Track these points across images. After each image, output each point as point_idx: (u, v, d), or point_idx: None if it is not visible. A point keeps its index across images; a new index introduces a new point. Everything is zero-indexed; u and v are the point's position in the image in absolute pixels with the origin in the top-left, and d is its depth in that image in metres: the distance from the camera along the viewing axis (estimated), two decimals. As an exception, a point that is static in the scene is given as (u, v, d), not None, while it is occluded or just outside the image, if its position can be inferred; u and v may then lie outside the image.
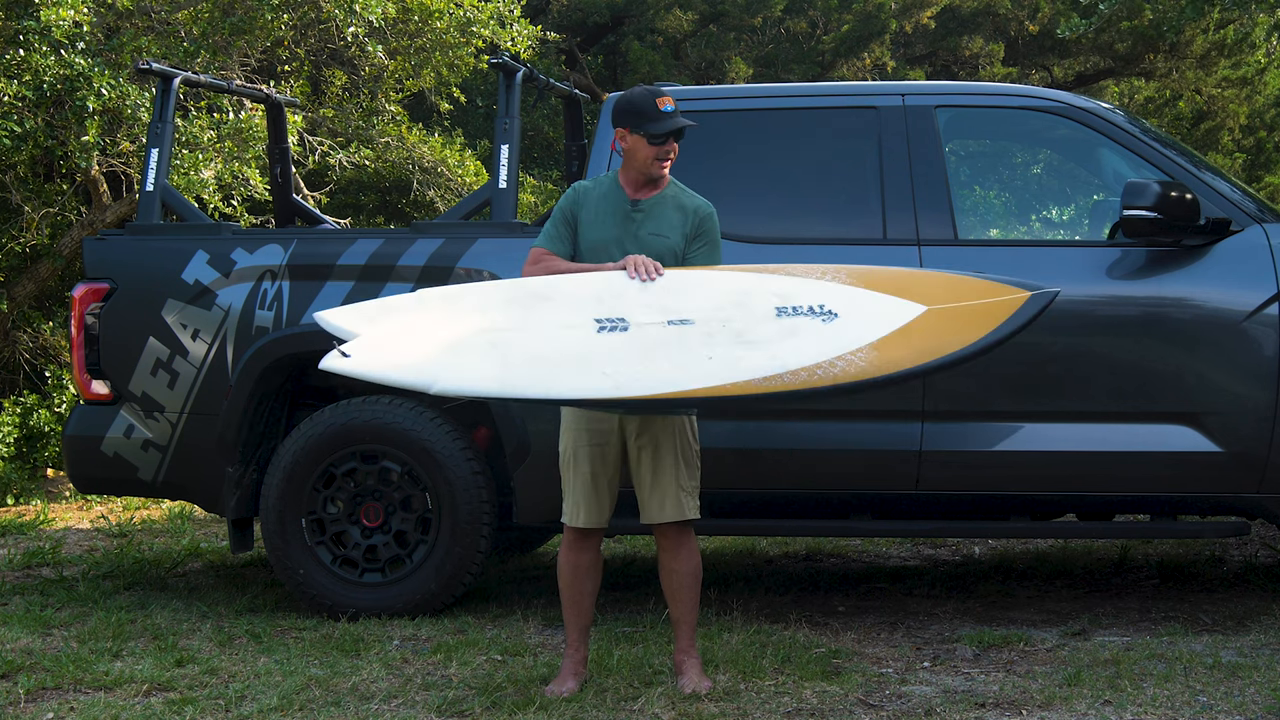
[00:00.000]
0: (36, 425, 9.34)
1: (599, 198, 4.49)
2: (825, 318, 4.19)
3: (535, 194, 13.04)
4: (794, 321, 4.19)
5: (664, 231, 4.43)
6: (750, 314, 4.21)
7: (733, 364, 4.13)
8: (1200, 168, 5.39)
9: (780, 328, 4.18)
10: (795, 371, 4.13)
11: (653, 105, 4.39)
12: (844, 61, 14.24)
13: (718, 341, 4.16)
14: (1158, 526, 5.45)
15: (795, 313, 4.20)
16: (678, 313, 4.20)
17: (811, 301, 4.22)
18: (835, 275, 4.28)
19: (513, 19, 10.51)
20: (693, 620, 4.52)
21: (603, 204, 4.47)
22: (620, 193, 4.48)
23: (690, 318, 4.20)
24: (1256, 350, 5.03)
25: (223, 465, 5.63)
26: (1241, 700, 4.27)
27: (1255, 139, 16.21)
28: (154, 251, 5.82)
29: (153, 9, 9.16)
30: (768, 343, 4.16)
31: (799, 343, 4.15)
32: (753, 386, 4.13)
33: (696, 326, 4.19)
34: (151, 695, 4.56)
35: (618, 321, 4.19)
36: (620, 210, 4.45)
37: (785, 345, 4.15)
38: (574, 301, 4.22)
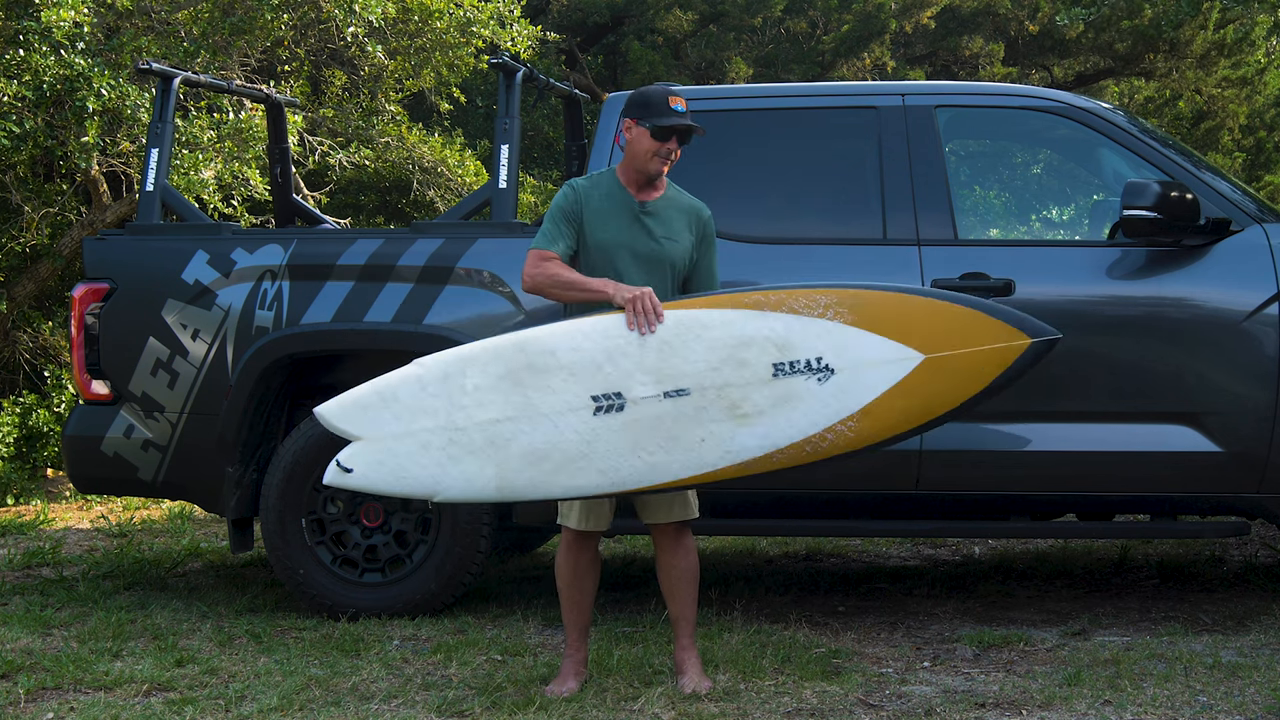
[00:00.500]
0: (35, 425, 9.34)
1: (602, 196, 4.46)
2: (821, 376, 4.21)
3: (535, 194, 13.04)
4: (789, 384, 4.21)
5: (675, 235, 4.43)
6: (747, 374, 4.21)
7: (724, 445, 4.21)
8: (1200, 168, 5.39)
9: (774, 393, 4.20)
10: (785, 449, 4.22)
11: (664, 101, 4.39)
12: (844, 61, 14.24)
13: (711, 416, 4.21)
14: (1158, 526, 5.45)
15: (792, 370, 4.21)
16: (674, 380, 4.21)
17: (810, 354, 4.22)
18: (838, 312, 4.24)
19: (513, 19, 10.52)
20: (692, 618, 4.53)
21: (608, 203, 4.44)
22: (624, 192, 4.46)
23: (686, 386, 4.21)
24: (1256, 350, 5.03)
25: (223, 465, 5.63)
26: (1241, 700, 4.27)
27: (1255, 139, 16.21)
28: (154, 251, 5.82)
29: (153, 9, 9.16)
30: (760, 416, 4.20)
31: (791, 413, 4.20)
32: (743, 469, 4.24)
33: (691, 398, 4.21)
34: (151, 695, 4.56)
35: (614, 399, 4.21)
36: (628, 211, 4.43)
37: (778, 418, 4.20)
38: (573, 375, 4.22)
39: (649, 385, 4.21)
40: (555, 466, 4.22)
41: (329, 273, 5.60)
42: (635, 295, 4.24)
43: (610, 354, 4.22)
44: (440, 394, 4.26)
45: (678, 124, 4.37)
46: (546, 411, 4.22)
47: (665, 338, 4.22)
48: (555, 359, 4.23)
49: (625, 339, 4.23)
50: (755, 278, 5.27)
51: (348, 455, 4.27)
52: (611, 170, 4.54)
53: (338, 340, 5.61)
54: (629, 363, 4.21)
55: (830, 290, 4.27)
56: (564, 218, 4.43)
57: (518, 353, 4.26)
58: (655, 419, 4.21)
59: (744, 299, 4.28)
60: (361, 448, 4.27)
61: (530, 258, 4.43)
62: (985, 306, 4.30)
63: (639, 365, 4.21)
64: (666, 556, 4.49)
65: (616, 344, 4.23)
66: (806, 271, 5.25)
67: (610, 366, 4.22)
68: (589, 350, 4.23)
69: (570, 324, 4.30)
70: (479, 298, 5.48)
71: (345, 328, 5.55)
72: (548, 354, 4.24)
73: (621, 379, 4.21)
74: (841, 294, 4.27)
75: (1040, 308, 5.15)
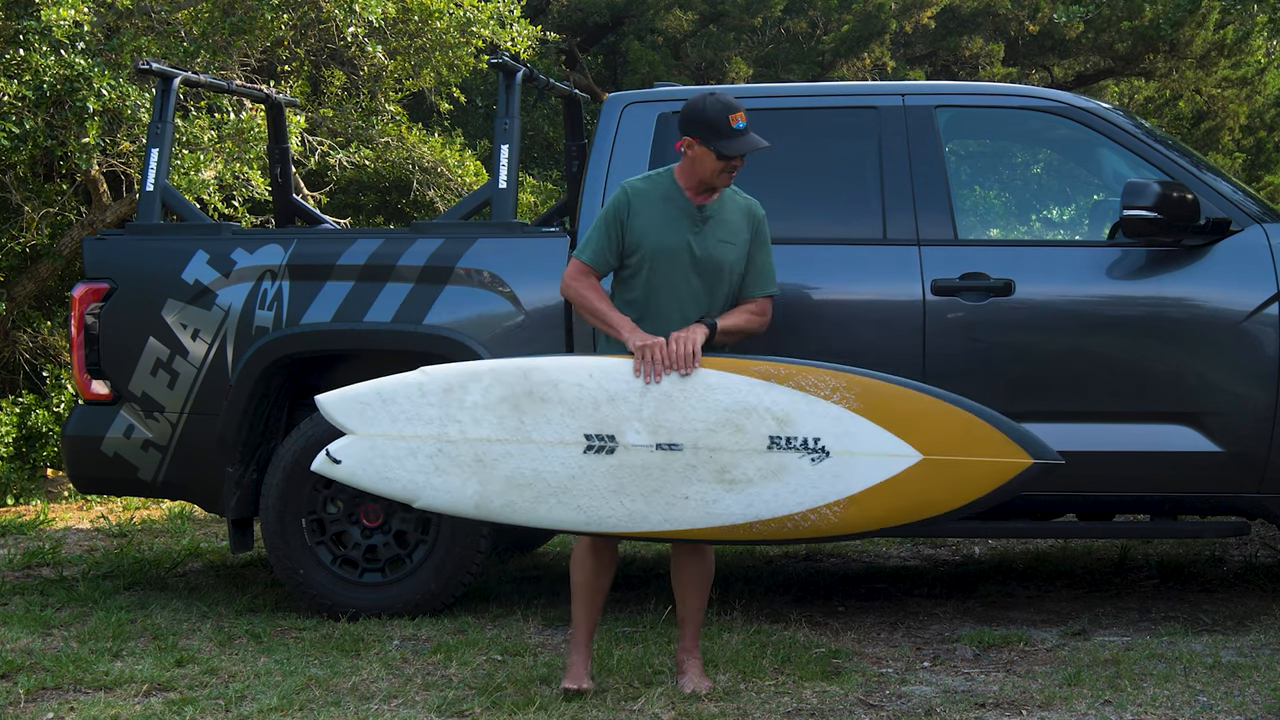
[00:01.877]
0: (35, 425, 9.34)
1: (660, 199, 4.42)
2: (816, 456, 4.20)
3: (535, 194, 13.03)
4: (782, 458, 4.20)
5: (731, 238, 4.42)
6: (742, 441, 4.20)
7: (707, 506, 4.21)
8: (1200, 168, 5.39)
9: (766, 464, 4.20)
10: (766, 522, 4.22)
11: (725, 122, 4.31)
12: (844, 61, 14.24)
13: (699, 476, 4.21)
14: (1158, 526, 5.45)
15: (788, 446, 4.20)
16: (669, 434, 4.21)
17: (808, 433, 4.20)
18: (845, 397, 4.22)
19: (513, 19, 10.51)
20: (699, 620, 4.52)
21: (666, 206, 4.41)
22: (682, 196, 4.42)
23: (680, 442, 4.21)
24: (1256, 350, 5.03)
25: (223, 465, 5.63)
26: (1241, 700, 4.27)
27: (1255, 139, 16.21)
28: (154, 251, 5.82)
29: (153, 9, 9.16)
30: (748, 484, 4.20)
31: (779, 488, 4.19)
32: (720, 533, 4.25)
33: (683, 454, 4.21)
34: (151, 695, 4.56)
35: (607, 440, 4.22)
36: (686, 215, 4.40)
37: (765, 490, 4.19)
38: (570, 410, 4.23)
39: (643, 434, 4.22)
40: (536, 496, 4.24)
41: (329, 273, 5.60)
42: (647, 344, 4.24)
43: (611, 396, 4.23)
44: (438, 404, 4.29)
45: (745, 150, 4.31)
46: (538, 440, 4.24)
47: (668, 390, 4.23)
48: (557, 391, 4.25)
49: (629, 385, 4.24)
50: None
51: (339, 447, 4.33)
52: (670, 170, 4.50)
53: (338, 340, 5.61)
54: (628, 408, 4.22)
55: (841, 374, 4.26)
56: (612, 224, 4.42)
57: (521, 379, 4.28)
58: (643, 468, 4.21)
59: (754, 367, 4.27)
60: (353, 442, 4.32)
61: (571, 266, 4.48)
62: (994, 419, 4.25)
63: (637, 413, 4.22)
64: (682, 558, 4.48)
65: (619, 388, 4.24)
66: (807, 271, 5.25)
67: (609, 409, 4.23)
68: (591, 389, 4.24)
69: (579, 360, 4.33)
70: (479, 298, 5.47)
71: (345, 328, 5.55)
72: (550, 385, 4.25)
73: (618, 423, 4.22)
74: (852, 379, 4.26)
75: (1040, 308, 5.17)
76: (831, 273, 5.30)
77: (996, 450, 4.21)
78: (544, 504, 4.24)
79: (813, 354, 5.14)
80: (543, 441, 4.24)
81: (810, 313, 5.26)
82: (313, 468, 4.41)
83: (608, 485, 4.22)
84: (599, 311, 4.39)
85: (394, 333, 5.51)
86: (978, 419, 4.24)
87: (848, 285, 5.29)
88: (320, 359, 5.78)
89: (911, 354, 5.15)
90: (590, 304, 4.41)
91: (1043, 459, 4.22)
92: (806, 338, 5.23)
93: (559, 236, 5.58)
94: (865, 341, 5.21)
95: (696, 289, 4.39)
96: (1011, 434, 4.23)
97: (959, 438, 4.22)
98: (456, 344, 5.40)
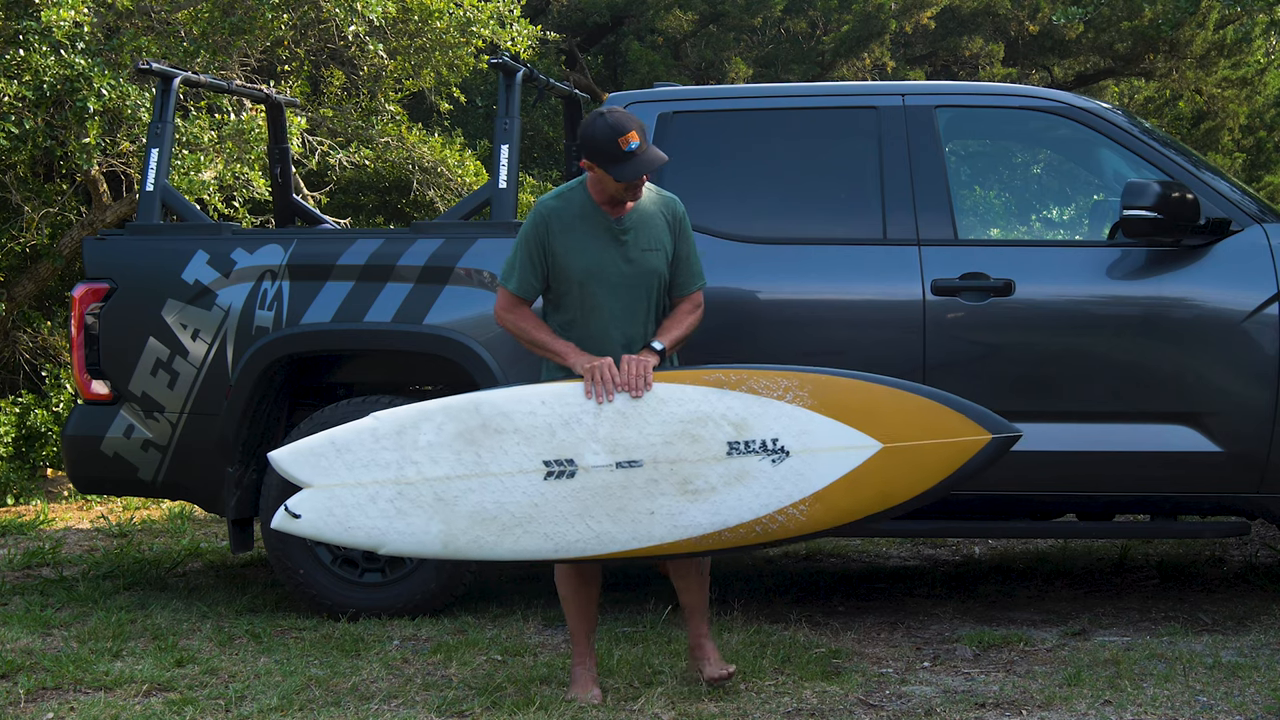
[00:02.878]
0: (34, 425, 9.34)
1: (577, 217, 4.33)
2: (776, 457, 4.18)
3: (535, 194, 13.04)
4: (743, 463, 4.18)
5: (655, 244, 4.35)
6: (701, 450, 4.18)
7: (673, 519, 4.18)
8: (1200, 168, 5.39)
9: (727, 471, 4.18)
10: (735, 529, 4.19)
11: (615, 145, 4.16)
12: (844, 61, 14.25)
13: (662, 490, 4.18)
14: (1158, 526, 5.45)
15: (747, 450, 4.19)
16: (628, 451, 4.19)
17: (766, 435, 4.19)
18: (798, 395, 4.21)
19: (513, 19, 10.51)
20: (704, 606, 4.50)
21: (584, 224, 4.32)
22: (599, 211, 4.33)
23: (639, 458, 4.19)
24: (1256, 350, 5.03)
25: (223, 465, 5.63)
26: (1241, 700, 4.27)
27: (1255, 139, 16.22)
28: (154, 251, 5.82)
29: (153, 9, 9.16)
30: (711, 492, 4.17)
31: (743, 492, 4.17)
32: (690, 545, 4.21)
33: (644, 470, 4.19)
34: (151, 695, 4.56)
35: (566, 465, 4.19)
36: (606, 231, 4.32)
37: (729, 496, 4.17)
38: (526, 439, 4.21)
39: (601, 454, 4.19)
40: (501, 528, 4.20)
41: (329, 273, 5.60)
42: (595, 365, 4.21)
43: (566, 420, 4.21)
44: (392, 447, 4.24)
45: (635, 175, 4.19)
46: (497, 472, 4.21)
47: (621, 409, 4.20)
48: (510, 421, 4.21)
49: (582, 407, 4.21)
50: (755, 278, 5.28)
51: (296, 501, 4.25)
52: (583, 184, 4.38)
53: (338, 340, 5.61)
54: (583, 430, 4.20)
55: (792, 373, 4.25)
56: (534, 250, 4.33)
57: (473, 413, 4.24)
58: (605, 488, 4.19)
59: (705, 376, 4.25)
60: (311, 495, 4.25)
61: (500, 298, 4.41)
62: (947, 400, 4.26)
63: (593, 434, 4.20)
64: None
65: (573, 411, 4.21)
66: (807, 272, 5.25)
67: (565, 433, 4.20)
68: (544, 415, 4.21)
69: (529, 389, 4.28)
70: (479, 298, 5.47)
71: (345, 328, 5.55)
72: (503, 416, 4.22)
73: (575, 446, 4.20)
74: (803, 378, 4.24)
75: (1040, 308, 5.17)
76: (831, 273, 5.30)
77: (954, 430, 4.21)
78: (510, 535, 4.20)
79: (812, 355, 5.17)
80: (501, 473, 4.20)
81: (810, 313, 5.26)
82: (273, 525, 4.33)
83: (572, 509, 4.19)
84: (539, 341, 4.35)
85: (394, 333, 5.51)
86: (932, 401, 4.25)
87: (848, 285, 5.29)
88: (320, 359, 5.78)
89: (911, 354, 5.15)
90: (529, 334, 4.37)
91: (1000, 433, 4.21)
92: (806, 338, 5.24)
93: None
94: (865, 342, 5.21)
95: (630, 302, 4.33)
96: (968, 413, 4.23)
97: (915, 423, 4.22)
98: (456, 344, 5.40)
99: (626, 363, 4.22)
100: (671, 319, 4.43)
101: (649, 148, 4.24)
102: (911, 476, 4.21)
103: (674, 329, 4.39)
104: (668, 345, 4.34)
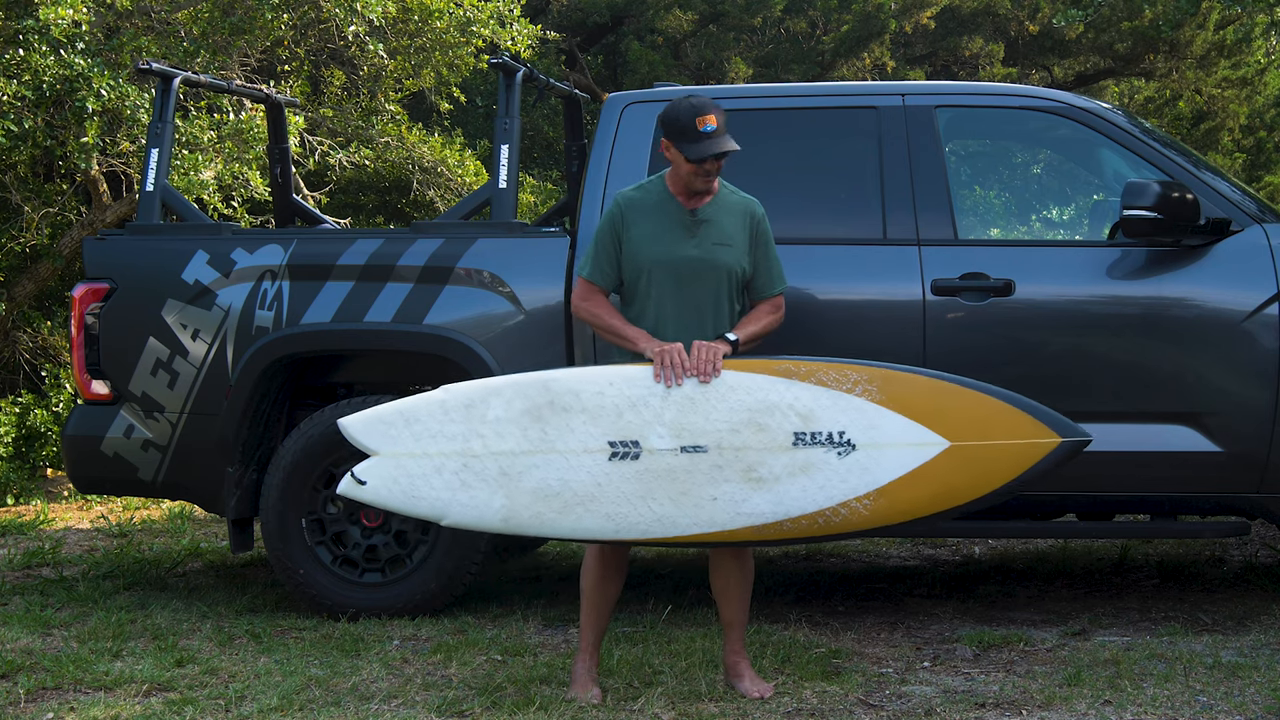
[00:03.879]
0: (34, 425, 9.34)
1: (651, 208, 4.41)
2: (842, 450, 4.18)
3: (535, 194, 13.04)
4: (809, 454, 4.18)
5: (727, 240, 4.38)
6: (767, 439, 4.19)
7: (735, 506, 4.18)
8: (1200, 168, 5.39)
9: (792, 461, 4.18)
10: (797, 519, 4.19)
11: (692, 125, 4.28)
12: (844, 61, 14.25)
13: (726, 476, 4.19)
14: (1158, 526, 5.45)
15: (813, 441, 4.18)
16: (693, 436, 4.20)
17: (833, 427, 4.18)
18: (867, 389, 4.20)
19: (513, 19, 10.51)
20: (743, 623, 4.49)
21: (657, 215, 4.39)
22: (674, 202, 4.40)
23: (704, 443, 4.20)
24: (1256, 350, 5.03)
25: (223, 465, 5.63)
26: (1241, 700, 4.27)
27: (1255, 139, 16.22)
28: (154, 251, 5.82)
29: (153, 9, 9.16)
30: (775, 482, 4.17)
31: (807, 483, 4.17)
32: (751, 533, 4.21)
33: (708, 455, 4.20)
34: (151, 695, 4.56)
35: (631, 446, 4.21)
36: (680, 222, 4.38)
37: (793, 486, 4.17)
38: (593, 418, 4.23)
39: (667, 438, 4.21)
40: (564, 505, 4.22)
41: (329, 273, 5.60)
42: (664, 350, 4.24)
43: (633, 403, 4.23)
44: (461, 420, 4.28)
45: (707, 154, 4.28)
46: (562, 450, 4.23)
47: (689, 394, 4.22)
48: (578, 400, 4.24)
49: (650, 390, 4.23)
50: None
51: (364, 469, 4.30)
52: (661, 177, 4.49)
53: (338, 340, 5.61)
54: (650, 413, 4.22)
55: (862, 367, 4.25)
56: (608, 239, 4.43)
57: (542, 390, 4.27)
58: (668, 471, 4.20)
59: (774, 366, 4.26)
60: (378, 463, 4.29)
61: (578, 286, 4.50)
62: (1017, 401, 4.24)
63: (659, 417, 4.21)
64: (721, 561, 4.45)
65: (640, 394, 4.23)
66: (807, 272, 5.25)
67: (631, 415, 4.22)
68: (612, 396, 4.24)
69: (598, 370, 4.32)
70: (479, 298, 5.47)
71: (345, 328, 5.55)
72: (571, 394, 4.25)
73: (641, 428, 4.21)
74: (873, 372, 4.24)
75: (1040, 308, 5.17)
76: (831, 273, 5.30)
77: (1023, 432, 4.20)
78: (571, 513, 4.22)
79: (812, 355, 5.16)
80: (567, 451, 4.23)
81: (810, 313, 5.26)
82: (339, 490, 4.38)
83: (634, 491, 4.20)
84: (613, 327, 4.40)
85: (394, 333, 5.51)
86: (1001, 402, 4.23)
87: (848, 285, 5.29)
88: (320, 359, 5.78)
89: (912, 354, 5.15)
90: (603, 321, 4.42)
91: (1072, 437, 4.20)
92: (806, 338, 5.23)
93: (559, 236, 5.58)
94: (865, 342, 5.20)
95: (698, 295, 4.36)
96: (1038, 414, 4.22)
97: (984, 422, 4.20)
98: (456, 344, 5.40)
99: (697, 348, 4.25)
100: (749, 316, 4.47)
101: (726, 134, 4.32)
102: (977, 476, 4.19)
103: (750, 325, 4.43)
104: (742, 338, 4.36)
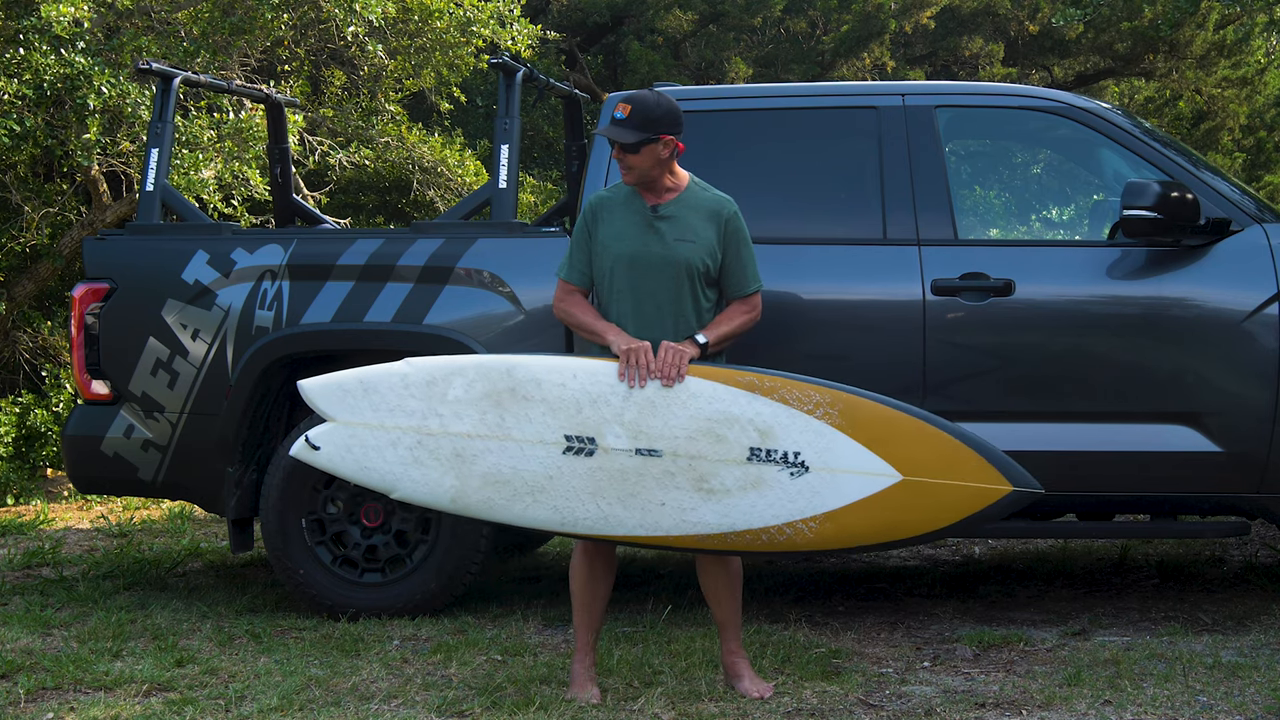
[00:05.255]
0: (34, 425, 9.34)
1: (619, 205, 4.43)
2: (795, 471, 4.18)
3: (535, 194, 13.04)
4: (762, 470, 4.18)
5: (690, 236, 4.36)
6: (723, 450, 4.19)
7: (682, 514, 4.20)
8: (1200, 168, 5.39)
9: (745, 475, 4.18)
10: (741, 533, 4.20)
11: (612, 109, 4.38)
12: (844, 61, 14.25)
13: (677, 484, 4.19)
14: (1158, 526, 5.45)
15: (768, 458, 4.18)
16: (649, 439, 4.20)
17: (789, 447, 4.18)
18: (828, 412, 4.19)
19: (513, 19, 10.51)
20: (738, 622, 4.49)
21: (623, 212, 4.41)
22: (639, 199, 4.42)
23: (659, 448, 4.20)
24: (1256, 350, 5.03)
25: (223, 465, 5.63)
26: (1241, 700, 4.27)
27: (1255, 139, 16.22)
28: (154, 251, 5.82)
29: (153, 9, 9.16)
30: (725, 494, 4.18)
31: (757, 499, 4.18)
32: (694, 541, 4.23)
33: (662, 460, 4.20)
34: (151, 695, 4.56)
35: (586, 443, 4.22)
36: (643, 219, 4.39)
37: (742, 500, 4.18)
38: (552, 410, 4.23)
39: (623, 438, 4.21)
40: (513, 493, 4.24)
41: (329, 273, 5.60)
42: (631, 349, 4.24)
43: (594, 399, 4.23)
44: (421, 396, 4.29)
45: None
46: (518, 439, 4.24)
47: (651, 396, 4.21)
48: (539, 390, 4.24)
49: (612, 388, 4.23)
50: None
51: (318, 433, 4.32)
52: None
53: (338, 340, 5.61)
54: (610, 411, 4.22)
55: (825, 389, 4.24)
56: (580, 240, 4.46)
57: (505, 375, 4.27)
58: (620, 472, 4.21)
59: (739, 377, 4.25)
60: (334, 430, 4.31)
61: (558, 288, 4.51)
62: (976, 443, 4.22)
63: (619, 416, 4.21)
64: (707, 564, 4.44)
65: (602, 390, 4.23)
66: (807, 272, 5.25)
67: (591, 411, 4.22)
68: (574, 389, 4.24)
69: (564, 360, 4.32)
70: (479, 298, 5.48)
71: (345, 328, 5.55)
72: (533, 383, 4.25)
73: (599, 425, 4.22)
74: (836, 395, 4.23)
75: (1040, 308, 5.17)
76: (831, 273, 5.30)
77: (977, 475, 4.18)
78: (520, 502, 4.24)
79: (813, 355, 5.17)
80: (522, 440, 4.24)
81: (810, 313, 5.26)
82: (291, 452, 4.42)
83: (584, 487, 4.21)
84: (586, 324, 4.40)
85: (394, 333, 5.51)
86: (960, 443, 4.21)
87: (848, 285, 5.29)
88: (321, 359, 5.77)
89: (911, 354, 5.15)
90: (577, 319, 4.43)
91: (1023, 488, 4.19)
92: (806, 338, 5.23)
93: (559, 236, 5.58)
94: (865, 342, 5.21)
95: (657, 290, 4.34)
96: (993, 460, 4.20)
97: (940, 460, 4.19)
98: (457, 344, 5.40)
99: (664, 350, 4.25)
100: (722, 315, 4.46)
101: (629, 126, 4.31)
102: (925, 512, 4.19)
103: (722, 325, 4.42)
104: (712, 339, 4.35)
